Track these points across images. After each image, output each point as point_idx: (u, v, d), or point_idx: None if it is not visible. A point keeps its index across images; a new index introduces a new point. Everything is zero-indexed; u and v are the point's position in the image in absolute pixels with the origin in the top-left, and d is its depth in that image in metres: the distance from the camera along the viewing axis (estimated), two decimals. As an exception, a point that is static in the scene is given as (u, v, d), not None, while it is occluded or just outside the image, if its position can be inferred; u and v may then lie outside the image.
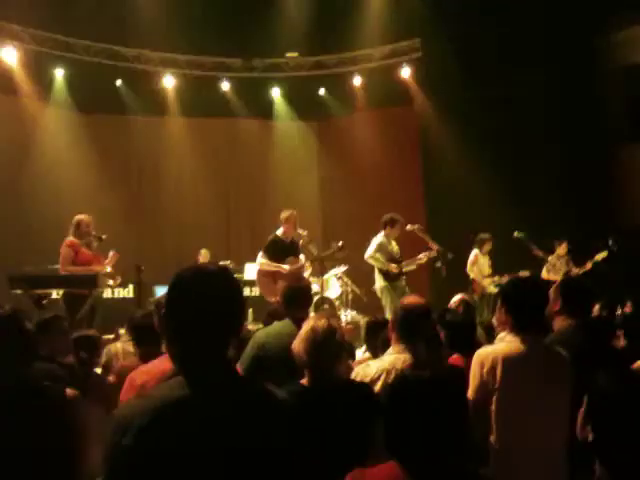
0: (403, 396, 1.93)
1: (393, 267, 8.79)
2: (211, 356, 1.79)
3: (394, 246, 9.05)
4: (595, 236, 9.81)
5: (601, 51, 10.81)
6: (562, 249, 10.13)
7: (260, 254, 8.86)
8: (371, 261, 8.92)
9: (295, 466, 1.78)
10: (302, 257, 9.01)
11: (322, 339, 2.89)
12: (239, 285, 1.91)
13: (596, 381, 2.38)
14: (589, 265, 9.78)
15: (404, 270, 8.91)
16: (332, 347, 2.90)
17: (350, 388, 2.87)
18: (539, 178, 10.97)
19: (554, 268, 10.06)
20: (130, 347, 5.11)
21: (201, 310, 1.78)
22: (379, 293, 8.94)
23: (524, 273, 9.56)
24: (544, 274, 9.96)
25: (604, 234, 9.64)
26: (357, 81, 13.39)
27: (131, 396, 3.45)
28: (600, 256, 9.67)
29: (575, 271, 9.77)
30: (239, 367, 3.53)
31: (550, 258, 10.14)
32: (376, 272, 8.95)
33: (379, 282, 8.89)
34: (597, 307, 5.75)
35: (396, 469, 1.86)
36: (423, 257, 8.92)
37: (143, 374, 3.53)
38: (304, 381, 2.86)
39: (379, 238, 8.97)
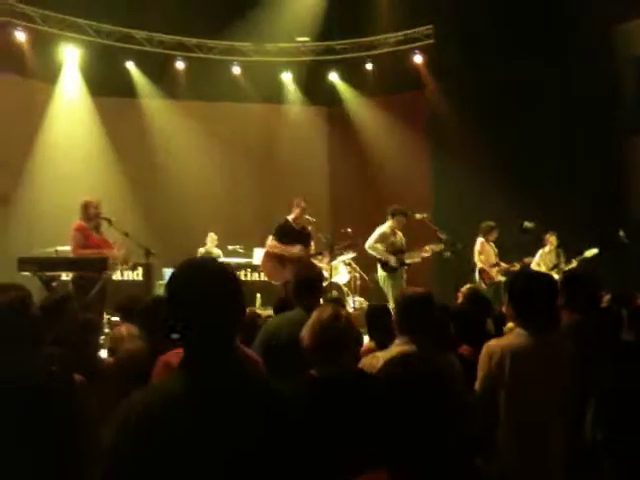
0: (392, 394, 1.88)
1: (392, 259, 8.86)
2: (215, 351, 1.78)
3: (399, 236, 9.10)
4: (604, 226, 9.71)
5: (614, 39, 10.68)
6: (553, 241, 10.05)
7: (270, 238, 8.83)
8: (370, 251, 9.04)
9: (300, 463, 1.76)
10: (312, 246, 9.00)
11: (329, 327, 2.86)
12: (237, 279, 1.87)
13: (606, 378, 2.35)
14: (575, 262, 9.66)
15: (407, 262, 8.95)
16: (339, 335, 2.87)
17: (359, 379, 2.84)
18: (550, 166, 10.88)
19: (544, 261, 9.99)
20: (135, 330, 5.12)
21: (197, 305, 1.76)
22: (380, 282, 9.03)
23: (528, 260, 9.52)
24: (533, 267, 9.85)
25: (614, 225, 9.54)
26: (369, 67, 13.32)
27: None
28: (590, 253, 9.54)
29: (562, 267, 9.68)
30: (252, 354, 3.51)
31: (540, 251, 10.08)
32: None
33: (379, 271, 9.00)
34: (607, 299, 5.70)
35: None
36: (428, 249, 8.94)
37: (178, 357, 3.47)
38: (314, 372, 2.85)
39: (382, 228, 9.07)
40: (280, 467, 1.73)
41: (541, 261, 10.00)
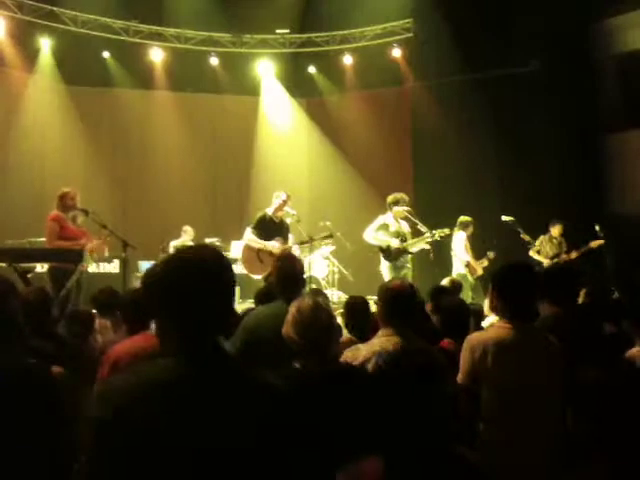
0: (386, 384, 1.89)
1: (393, 242, 8.63)
2: (203, 340, 1.76)
3: (401, 226, 8.82)
4: (584, 222, 9.79)
5: (597, 36, 10.76)
6: (556, 231, 10.07)
7: (248, 230, 8.75)
8: (370, 240, 8.73)
9: (287, 455, 1.75)
10: (291, 238, 8.93)
11: (311, 317, 2.84)
12: (232, 270, 1.87)
13: (587, 371, 2.39)
14: (575, 254, 9.70)
15: (410, 250, 8.79)
16: (322, 324, 2.85)
17: (346, 371, 2.84)
18: (530, 162, 10.94)
19: (543, 249, 10.02)
20: (107, 322, 5.09)
21: (196, 293, 1.74)
22: (383, 273, 8.85)
23: (492, 254, 9.60)
24: (532, 254, 9.94)
25: (593, 220, 9.61)
26: (348, 60, 13.30)
27: (105, 373, 3.41)
28: (595, 243, 9.53)
29: (564, 257, 9.73)
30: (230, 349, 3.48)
31: (542, 237, 10.09)
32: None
33: (382, 262, 8.82)
34: (583, 293, 5.76)
35: (378, 463, 1.82)
36: (432, 234, 8.62)
37: (117, 351, 3.49)
38: (297, 365, 2.83)
39: (384, 218, 8.79)
40: (273, 463, 1.71)
41: (540, 248, 10.01)
